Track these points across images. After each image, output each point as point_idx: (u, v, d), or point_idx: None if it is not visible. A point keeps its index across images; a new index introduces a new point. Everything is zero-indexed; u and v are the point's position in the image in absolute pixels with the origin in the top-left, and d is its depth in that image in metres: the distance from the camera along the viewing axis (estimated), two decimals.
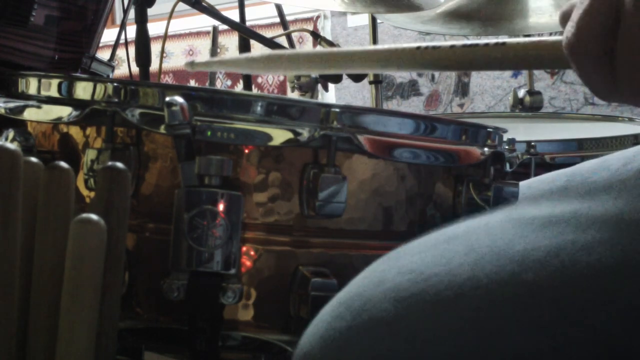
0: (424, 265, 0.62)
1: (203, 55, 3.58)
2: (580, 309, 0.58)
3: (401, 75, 3.15)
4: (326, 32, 3.28)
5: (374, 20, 1.93)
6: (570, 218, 0.62)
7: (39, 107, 0.84)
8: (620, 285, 0.58)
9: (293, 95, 2.03)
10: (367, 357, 0.59)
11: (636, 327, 0.58)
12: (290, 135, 0.77)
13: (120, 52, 1.87)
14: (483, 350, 0.58)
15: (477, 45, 0.66)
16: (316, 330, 0.62)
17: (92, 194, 0.78)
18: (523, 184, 0.98)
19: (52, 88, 0.83)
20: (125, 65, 1.80)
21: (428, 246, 0.65)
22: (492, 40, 0.66)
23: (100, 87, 0.80)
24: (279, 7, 2.08)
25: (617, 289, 0.58)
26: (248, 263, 0.78)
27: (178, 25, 3.47)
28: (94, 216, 0.66)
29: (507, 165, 0.93)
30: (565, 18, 0.61)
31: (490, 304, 0.59)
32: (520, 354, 0.58)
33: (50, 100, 0.83)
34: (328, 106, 0.79)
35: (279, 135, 0.77)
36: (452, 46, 0.67)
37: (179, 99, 0.73)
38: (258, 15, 3.13)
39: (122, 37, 1.79)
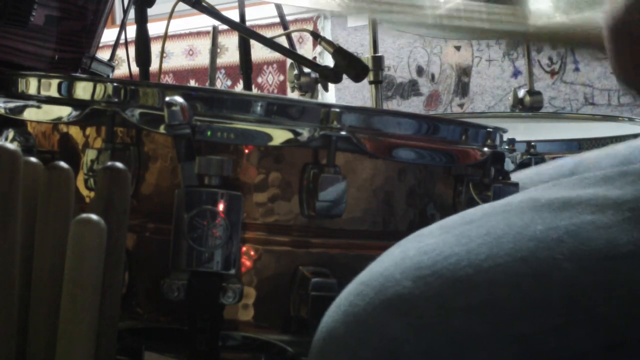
0: (444, 244, 0.64)
1: (203, 56, 3.59)
2: (587, 291, 0.60)
3: (401, 75, 3.15)
4: (326, 32, 3.28)
5: (374, 20, 1.93)
6: (589, 199, 0.64)
7: (39, 107, 0.84)
8: (631, 270, 0.59)
9: (293, 95, 2.03)
10: (388, 332, 0.60)
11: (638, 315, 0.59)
12: (290, 135, 0.77)
13: (120, 52, 1.86)
14: (497, 325, 0.60)
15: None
16: (339, 307, 0.64)
17: (92, 194, 0.78)
18: (531, 170, 0.98)
19: (52, 88, 0.83)
20: (125, 65, 1.79)
21: (448, 228, 0.67)
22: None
23: (100, 87, 0.80)
24: (279, 7, 2.07)
25: (627, 274, 0.59)
26: (248, 263, 0.78)
27: (178, 25, 3.47)
28: (94, 216, 0.66)
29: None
30: None
31: (507, 280, 0.60)
32: (527, 331, 0.60)
33: (50, 100, 0.83)
34: (328, 106, 0.79)
35: (279, 135, 0.77)
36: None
37: (179, 99, 0.73)
38: (258, 15, 3.13)
39: (122, 37, 1.79)
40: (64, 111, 0.81)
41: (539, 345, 0.59)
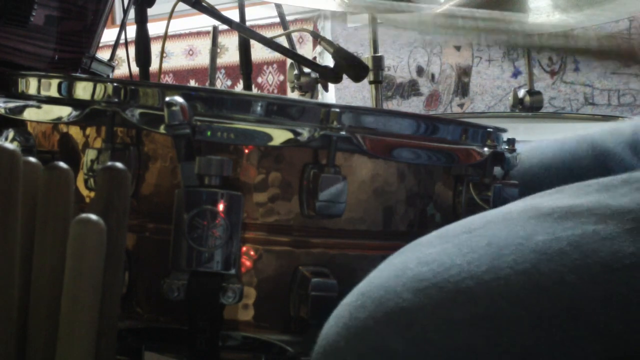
0: (445, 255, 0.63)
1: (203, 56, 3.59)
2: (592, 304, 0.58)
3: (401, 76, 3.15)
4: (326, 32, 3.28)
5: (374, 20, 1.93)
6: (591, 208, 0.62)
7: (39, 107, 0.84)
8: (637, 282, 0.58)
9: (293, 95, 2.03)
10: (389, 346, 0.60)
11: None
12: (290, 135, 0.77)
13: (120, 52, 1.86)
14: (499, 339, 0.59)
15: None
16: (339, 320, 0.63)
17: (92, 194, 0.78)
18: (532, 146, 0.97)
19: (52, 88, 0.83)
20: (125, 65, 1.79)
21: (449, 237, 0.66)
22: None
23: (100, 87, 0.80)
24: (279, 7, 2.07)
25: (633, 286, 0.58)
26: (248, 263, 0.78)
27: (178, 25, 3.47)
28: (94, 216, 0.66)
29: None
30: None
31: (509, 293, 0.59)
32: (529, 346, 0.58)
33: (50, 100, 0.83)
34: (328, 106, 0.79)
35: (279, 135, 0.77)
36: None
37: (179, 99, 0.73)
38: (258, 15, 3.12)
39: (122, 37, 1.79)
40: (64, 111, 0.81)
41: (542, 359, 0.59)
